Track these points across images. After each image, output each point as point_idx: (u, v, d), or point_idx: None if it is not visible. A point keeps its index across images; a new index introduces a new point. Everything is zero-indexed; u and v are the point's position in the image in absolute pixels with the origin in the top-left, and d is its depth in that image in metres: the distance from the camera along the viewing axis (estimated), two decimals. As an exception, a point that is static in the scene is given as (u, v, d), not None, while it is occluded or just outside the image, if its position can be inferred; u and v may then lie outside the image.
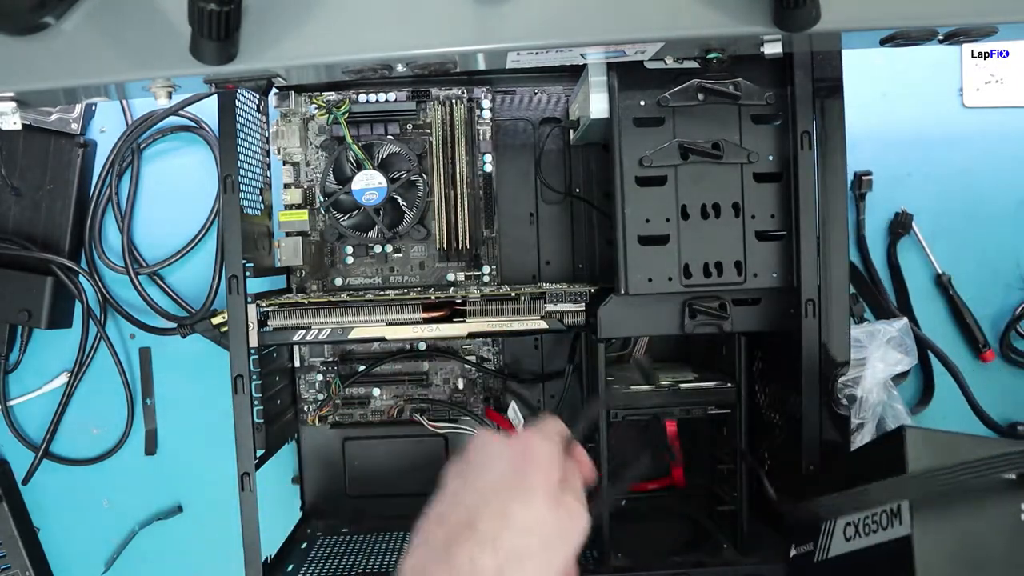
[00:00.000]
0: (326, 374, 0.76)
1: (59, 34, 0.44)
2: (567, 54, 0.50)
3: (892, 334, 0.74)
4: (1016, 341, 0.81)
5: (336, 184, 0.72)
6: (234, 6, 0.39)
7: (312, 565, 0.67)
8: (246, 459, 0.60)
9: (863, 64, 0.81)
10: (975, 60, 0.81)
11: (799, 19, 0.42)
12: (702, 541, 0.67)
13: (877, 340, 0.73)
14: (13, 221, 0.79)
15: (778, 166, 0.59)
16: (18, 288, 0.77)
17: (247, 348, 0.61)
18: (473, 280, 0.75)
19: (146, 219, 0.82)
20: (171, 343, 0.81)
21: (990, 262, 0.82)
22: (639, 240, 0.59)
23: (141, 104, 0.81)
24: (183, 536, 0.82)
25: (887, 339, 0.73)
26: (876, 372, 0.70)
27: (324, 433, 0.77)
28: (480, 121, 0.75)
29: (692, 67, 0.58)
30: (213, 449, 0.80)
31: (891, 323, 0.75)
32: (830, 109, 0.58)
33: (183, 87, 0.47)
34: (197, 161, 0.82)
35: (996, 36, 0.46)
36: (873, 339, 0.73)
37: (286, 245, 0.72)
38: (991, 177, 0.82)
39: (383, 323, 0.65)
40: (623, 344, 0.77)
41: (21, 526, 0.79)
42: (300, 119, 0.74)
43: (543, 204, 0.77)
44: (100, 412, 0.82)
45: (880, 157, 0.81)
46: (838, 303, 0.58)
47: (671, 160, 0.59)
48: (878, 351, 0.72)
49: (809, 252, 0.58)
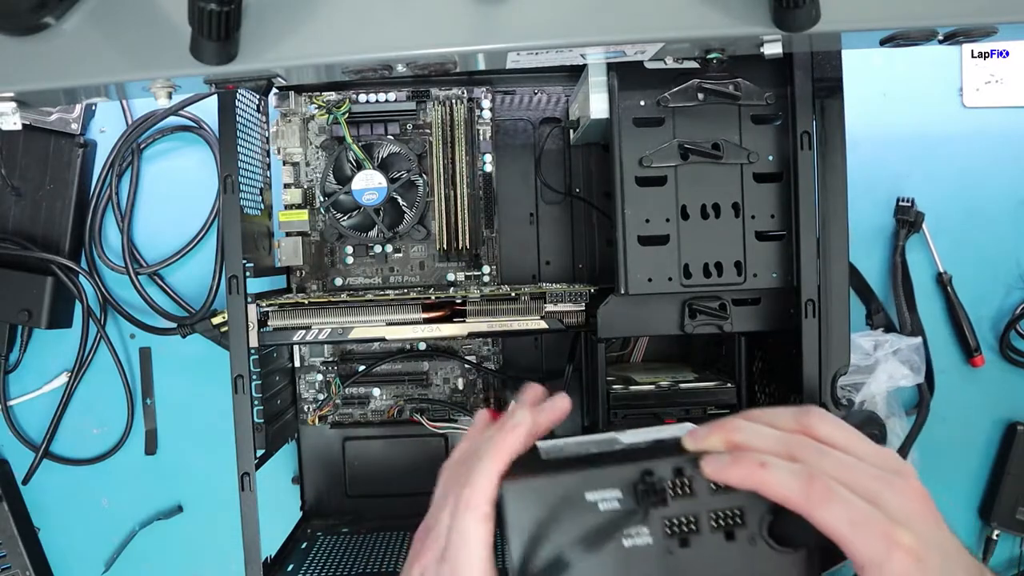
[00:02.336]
0: (326, 374, 0.76)
1: (59, 34, 0.44)
2: (567, 54, 0.50)
3: (901, 347, 0.74)
4: (1016, 341, 0.81)
5: (336, 184, 0.72)
6: (234, 6, 0.39)
7: (312, 565, 0.67)
8: (246, 459, 0.60)
9: (863, 64, 0.81)
10: (975, 60, 0.81)
11: (799, 19, 0.42)
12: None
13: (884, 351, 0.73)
14: (13, 221, 0.79)
15: (778, 166, 0.59)
16: (18, 288, 0.77)
17: (247, 348, 0.61)
18: (473, 280, 0.75)
19: (146, 219, 0.82)
20: (171, 343, 0.81)
21: (990, 262, 0.82)
22: (639, 240, 0.59)
23: (141, 104, 0.81)
24: (183, 536, 0.82)
25: (894, 351, 0.73)
26: (879, 383, 0.71)
27: (324, 433, 0.77)
28: (480, 121, 0.75)
29: (692, 67, 0.58)
30: (213, 449, 0.80)
31: (903, 338, 0.75)
32: (830, 109, 0.58)
33: (183, 87, 0.47)
34: (197, 161, 0.82)
35: (996, 36, 0.46)
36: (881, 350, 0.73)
37: (286, 245, 0.72)
38: (991, 177, 0.82)
39: (383, 323, 0.65)
40: (623, 344, 0.77)
41: (21, 526, 0.79)
42: (300, 119, 0.74)
43: (543, 204, 0.77)
44: (100, 412, 0.82)
45: (880, 157, 0.81)
46: (838, 303, 0.58)
47: (671, 160, 0.59)
48: (886, 363, 0.72)
49: (809, 252, 0.58)
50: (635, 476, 0.39)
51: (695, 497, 0.39)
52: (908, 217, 0.80)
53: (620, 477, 0.39)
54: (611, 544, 0.39)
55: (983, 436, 0.82)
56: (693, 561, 0.39)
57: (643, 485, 0.39)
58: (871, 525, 0.36)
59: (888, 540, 0.36)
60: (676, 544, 0.39)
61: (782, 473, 0.38)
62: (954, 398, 0.80)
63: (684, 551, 0.39)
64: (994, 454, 0.82)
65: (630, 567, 0.39)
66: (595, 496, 0.39)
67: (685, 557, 0.39)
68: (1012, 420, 0.81)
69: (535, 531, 0.39)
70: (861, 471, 0.38)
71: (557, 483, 0.40)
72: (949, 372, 0.81)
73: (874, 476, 0.38)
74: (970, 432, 0.82)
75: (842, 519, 0.36)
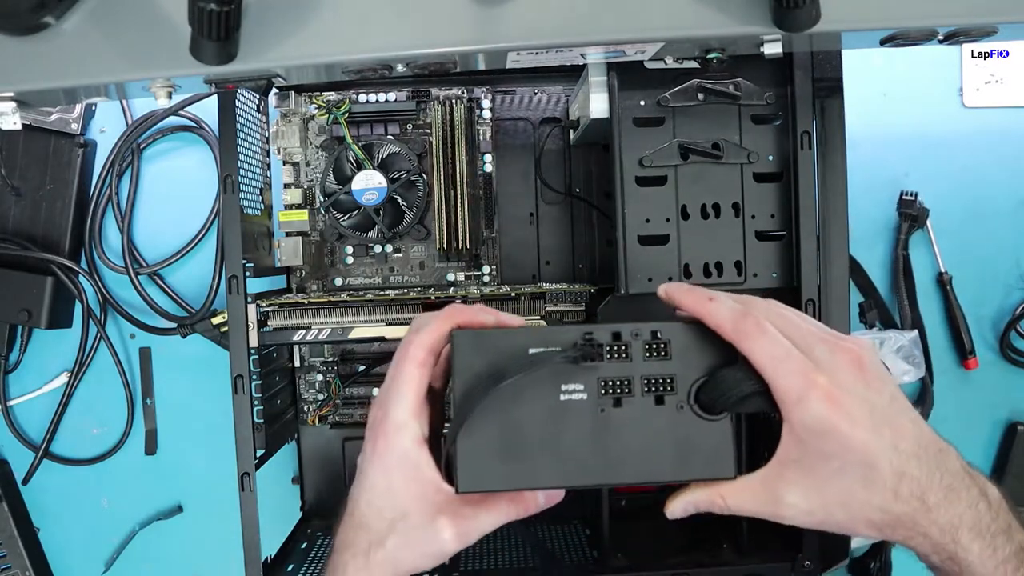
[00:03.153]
0: (326, 374, 0.76)
1: (59, 34, 0.44)
2: (567, 54, 0.50)
3: (902, 343, 0.74)
4: (1016, 341, 0.81)
5: (336, 184, 0.72)
6: (234, 6, 0.39)
7: (312, 565, 0.67)
8: (246, 459, 0.60)
9: (863, 64, 0.81)
10: (975, 60, 0.81)
11: (799, 19, 0.42)
12: (702, 541, 0.67)
13: (887, 349, 0.73)
14: (13, 221, 0.79)
15: (778, 166, 0.59)
16: (18, 288, 0.77)
17: (247, 348, 0.61)
18: (473, 280, 0.75)
19: (146, 219, 0.82)
20: (171, 343, 0.81)
21: (990, 262, 0.82)
22: (639, 240, 0.59)
23: (141, 104, 0.81)
24: (183, 536, 0.82)
25: (896, 348, 0.73)
26: None
27: (324, 433, 0.77)
28: (480, 121, 0.75)
29: (692, 67, 0.58)
30: (213, 449, 0.80)
31: (903, 334, 0.75)
32: (830, 109, 0.58)
33: (183, 87, 0.47)
34: (197, 161, 0.82)
35: (996, 36, 0.46)
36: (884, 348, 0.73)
37: (286, 245, 0.72)
38: (991, 177, 0.82)
39: (383, 323, 0.65)
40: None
41: (21, 526, 0.79)
42: (300, 119, 0.74)
43: (543, 204, 0.77)
44: (100, 412, 0.82)
45: (880, 157, 0.81)
46: (838, 303, 0.58)
47: (671, 160, 0.59)
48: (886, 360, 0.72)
49: (809, 252, 0.58)
50: (576, 337, 0.43)
51: (630, 361, 0.43)
52: (912, 211, 0.80)
53: (563, 338, 0.43)
54: (547, 395, 0.42)
55: (983, 436, 0.82)
56: (623, 420, 0.43)
57: (582, 341, 0.42)
58: (791, 362, 0.39)
59: (805, 378, 0.39)
60: (609, 403, 0.43)
61: (723, 307, 0.42)
62: (954, 398, 0.80)
63: (616, 411, 0.43)
64: (994, 454, 0.82)
65: (564, 419, 0.43)
66: (537, 351, 0.42)
67: (616, 416, 0.43)
68: (1012, 420, 0.81)
69: (480, 371, 0.42)
70: (803, 329, 0.41)
71: (505, 335, 0.44)
72: (949, 373, 0.81)
73: (811, 333, 0.41)
74: (970, 432, 0.82)
75: (765, 353, 0.40)
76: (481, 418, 0.42)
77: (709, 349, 0.43)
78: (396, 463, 0.42)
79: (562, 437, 0.42)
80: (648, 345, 0.43)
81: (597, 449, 0.42)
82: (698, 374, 0.43)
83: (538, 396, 0.42)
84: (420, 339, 0.43)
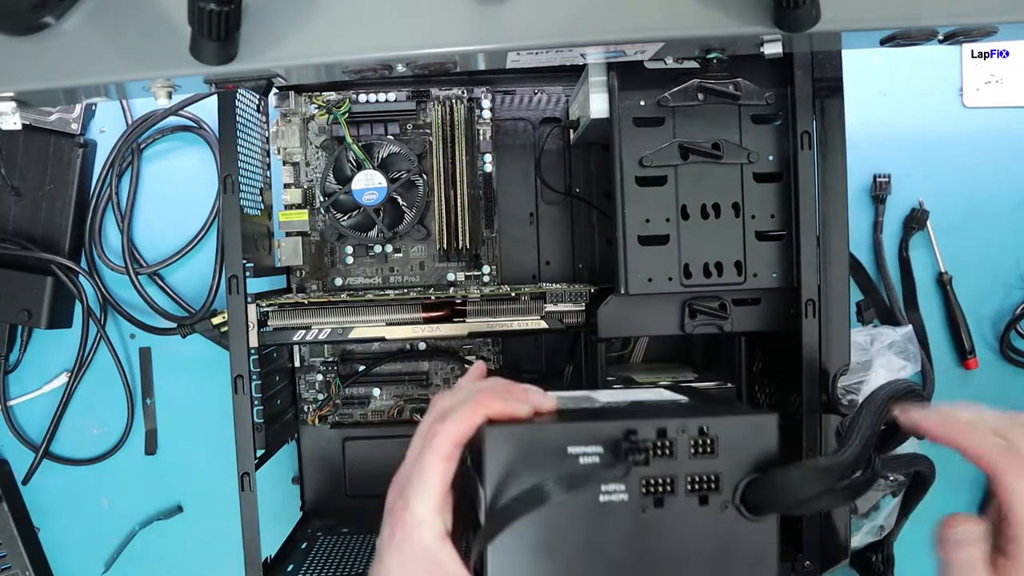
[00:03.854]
0: (326, 374, 0.76)
1: (59, 34, 0.44)
2: (567, 54, 0.50)
3: (895, 339, 0.74)
4: (1016, 341, 0.81)
5: (336, 184, 0.72)
6: (234, 6, 0.39)
7: (312, 565, 0.67)
8: (246, 459, 0.60)
9: (863, 64, 0.81)
10: (975, 60, 0.81)
11: (799, 19, 0.42)
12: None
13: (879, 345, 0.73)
14: (13, 221, 0.79)
15: (778, 166, 0.59)
16: (18, 288, 0.77)
17: (247, 348, 0.61)
18: (473, 280, 0.75)
19: (146, 219, 0.82)
20: (171, 343, 0.81)
21: (990, 262, 0.82)
22: (639, 240, 0.59)
23: (141, 104, 0.81)
24: (183, 536, 0.82)
25: (889, 343, 0.73)
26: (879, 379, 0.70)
27: (324, 433, 0.77)
28: (480, 121, 0.75)
29: (692, 67, 0.58)
30: (213, 449, 0.80)
31: (896, 329, 0.75)
32: (830, 109, 0.58)
33: (183, 87, 0.47)
34: (197, 161, 0.82)
35: (996, 36, 0.46)
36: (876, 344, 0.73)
37: (286, 245, 0.72)
38: (991, 177, 0.82)
39: (383, 323, 0.65)
40: (623, 344, 0.77)
41: (21, 526, 0.79)
42: (300, 119, 0.74)
43: (543, 204, 0.77)
44: (100, 412, 0.82)
45: (880, 157, 0.81)
46: (838, 303, 0.58)
47: (671, 160, 0.59)
48: (881, 357, 0.72)
49: (809, 252, 0.58)
50: (618, 434, 0.40)
51: (675, 459, 0.40)
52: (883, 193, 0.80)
53: (603, 433, 0.40)
54: (586, 496, 0.40)
55: (983, 436, 0.82)
56: (665, 521, 0.40)
57: (627, 443, 0.39)
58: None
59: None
60: (651, 503, 0.40)
61: (987, 441, 0.40)
62: (954, 398, 0.80)
63: (657, 511, 0.40)
64: (994, 454, 0.82)
65: (603, 521, 0.40)
66: (577, 450, 0.40)
67: (657, 516, 0.40)
68: (1012, 420, 0.81)
69: (513, 473, 0.39)
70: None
71: (540, 432, 0.40)
72: (949, 373, 0.81)
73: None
74: (970, 432, 0.82)
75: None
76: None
77: (757, 445, 0.41)
78: (416, 558, 0.40)
79: (600, 539, 0.40)
80: (694, 441, 0.40)
81: (636, 552, 0.40)
82: (744, 471, 0.40)
83: (576, 496, 0.39)
84: (447, 430, 0.40)
